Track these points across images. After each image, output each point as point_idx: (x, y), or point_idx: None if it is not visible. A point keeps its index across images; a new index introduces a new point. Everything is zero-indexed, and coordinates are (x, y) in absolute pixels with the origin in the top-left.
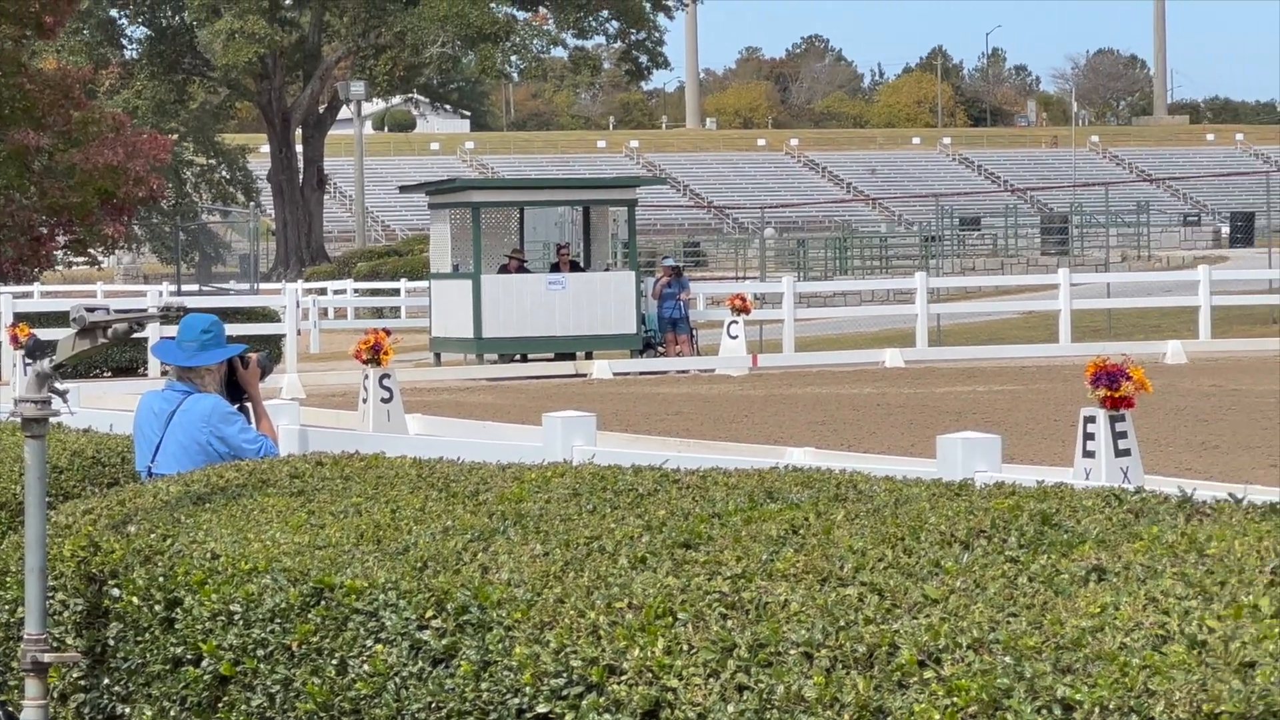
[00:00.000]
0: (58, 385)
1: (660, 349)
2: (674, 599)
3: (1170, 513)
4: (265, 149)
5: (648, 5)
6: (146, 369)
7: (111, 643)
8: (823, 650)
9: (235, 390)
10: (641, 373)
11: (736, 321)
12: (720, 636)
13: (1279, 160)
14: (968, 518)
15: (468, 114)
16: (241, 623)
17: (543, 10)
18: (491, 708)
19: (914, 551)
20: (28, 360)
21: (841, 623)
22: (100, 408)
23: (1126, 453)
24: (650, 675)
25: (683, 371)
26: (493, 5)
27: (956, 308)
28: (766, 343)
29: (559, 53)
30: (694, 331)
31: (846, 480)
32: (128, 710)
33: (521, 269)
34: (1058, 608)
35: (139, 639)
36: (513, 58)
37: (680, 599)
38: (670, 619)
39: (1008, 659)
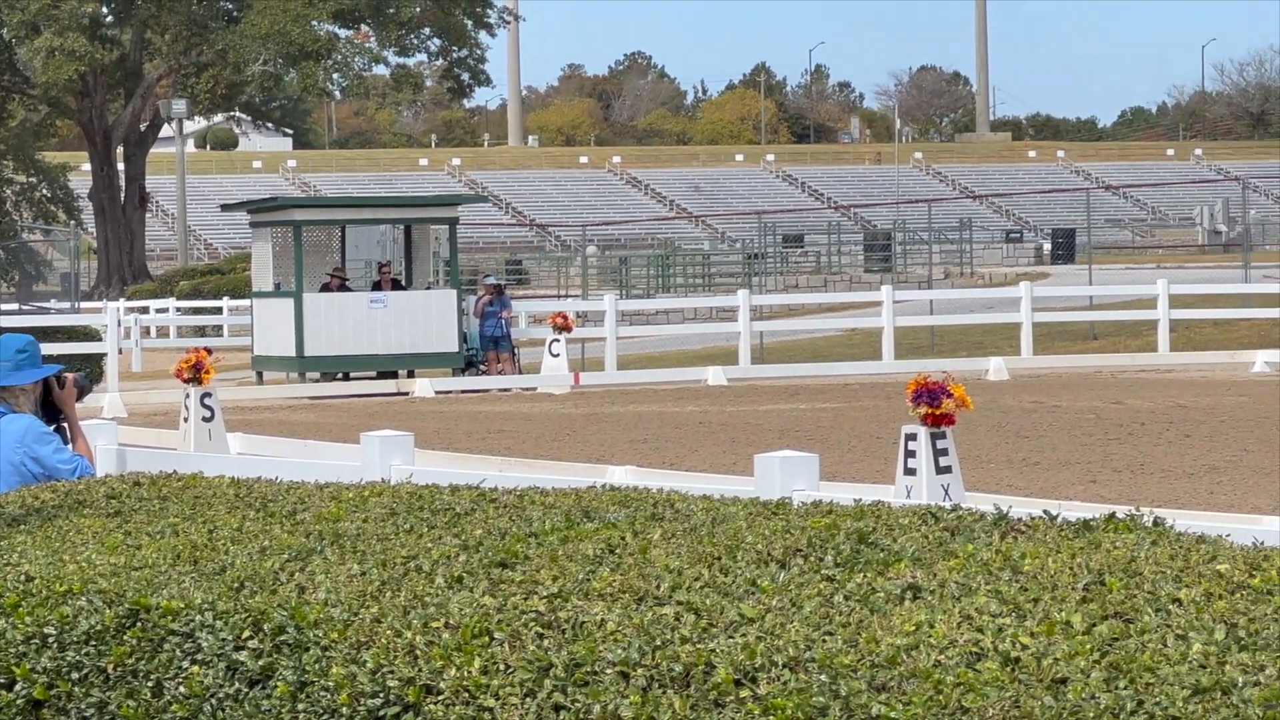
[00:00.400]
0: None
1: (482, 367)
2: (490, 619)
3: (986, 530)
4: (86, 167)
5: (469, 23)
6: None
7: None
8: (639, 670)
9: (52, 410)
10: (463, 391)
11: (558, 339)
12: (536, 656)
13: (1100, 177)
14: (785, 536)
15: (290, 132)
16: (56, 645)
17: (364, 28)
18: None
19: (731, 570)
20: None
21: (658, 642)
22: None
23: (948, 470)
24: (467, 695)
25: (505, 390)
26: (314, 23)
27: (780, 325)
28: (589, 361)
29: (381, 70)
30: (516, 350)
31: (664, 499)
32: None
33: (343, 287)
34: (873, 626)
35: None
36: (335, 75)
37: (497, 619)
38: (487, 639)
39: (823, 677)
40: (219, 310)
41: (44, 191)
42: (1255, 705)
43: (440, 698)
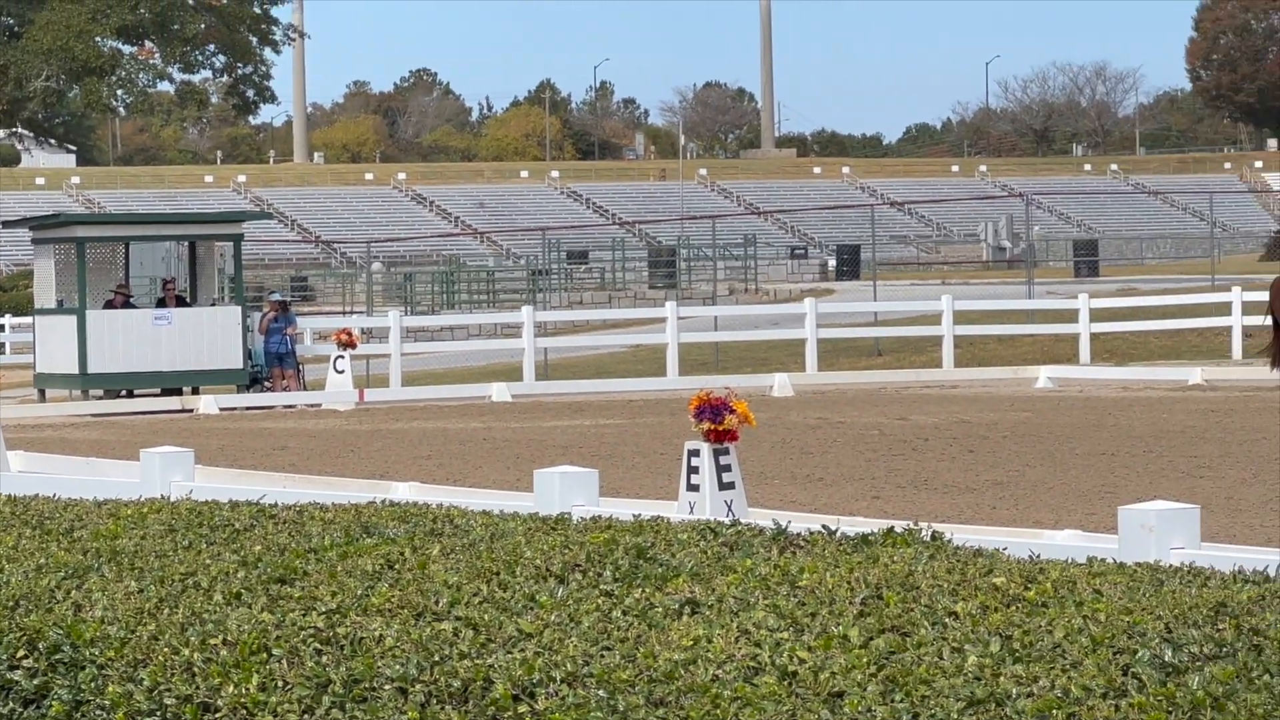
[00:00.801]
0: None
1: (267, 384)
2: (269, 635)
3: (765, 545)
4: None
5: (254, 40)
6: None
7: None
8: (417, 685)
9: None
10: (248, 408)
11: (343, 356)
12: (315, 672)
13: (885, 193)
14: (564, 552)
15: (74, 149)
16: None
17: (149, 44)
18: None
19: (509, 586)
20: None
21: (436, 657)
22: None
23: (731, 486)
24: (245, 712)
25: (289, 406)
26: (98, 39)
27: (564, 341)
28: (373, 377)
29: (166, 87)
30: (301, 366)
31: (443, 515)
32: None
33: (127, 304)
34: (651, 640)
35: None
36: (119, 91)
37: (275, 635)
38: (265, 655)
39: (601, 692)
40: (0, 328)
41: None
42: (1028, 716)
43: (218, 715)
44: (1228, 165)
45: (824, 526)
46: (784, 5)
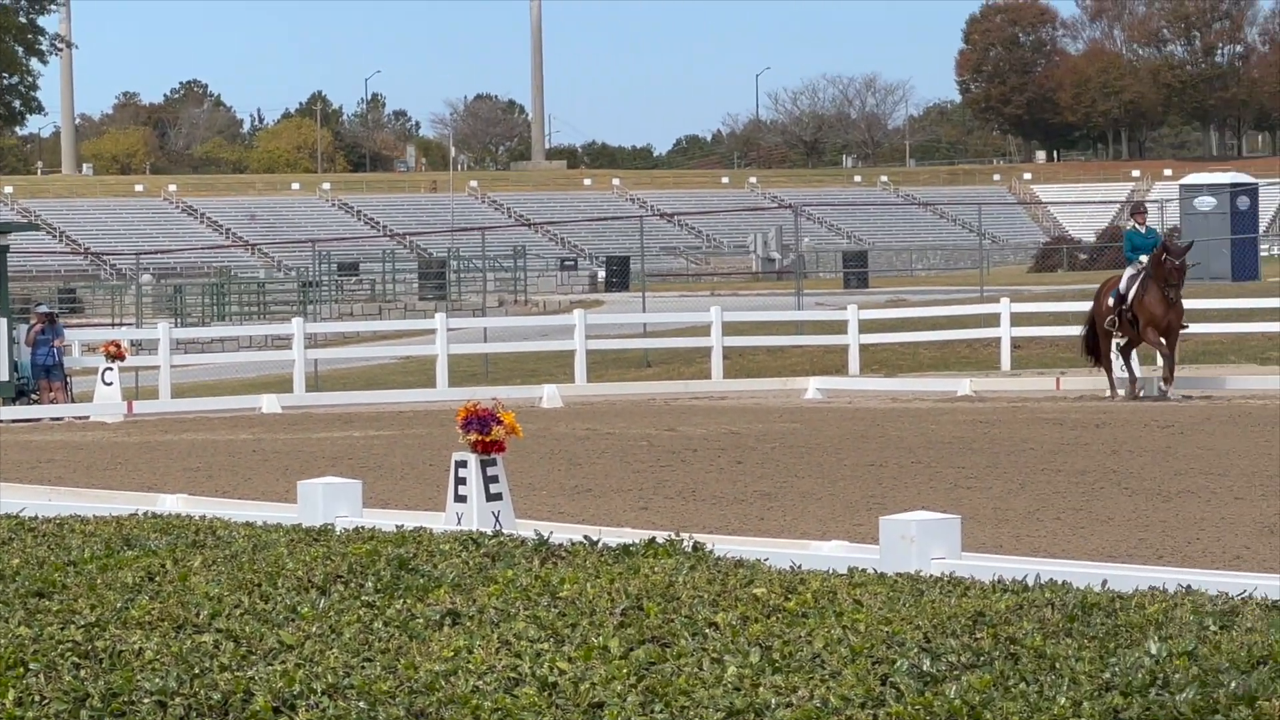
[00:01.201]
0: None
1: (34, 396)
2: (26, 649)
3: (527, 556)
4: None
5: (20, 50)
6: None
7: None
8: (177, 699)
9: None
10: (14, 420)
11: (111, 368)
12: (73, 686)
13: (655, 205)
14: (325, 563)
15: None
16: None
17: None
18: None
19: (271, 597)
20: None
21: (196, 670)
22: None
23: (499, 497)
24: None
25: (57, 419)
26: None
27: (335, 353)
28: (143, 389)
29: None
30: (68, 378)
31: (205, 526)
32: None
33: None
34: (412, 652)
35: None
36: None
37: (33, 649)
38: (22, 669)
39: (362, 704)
40: None
41: None
42: None
43: None
44: (997, 177)
45: (586, 537)
46: (555, 18)
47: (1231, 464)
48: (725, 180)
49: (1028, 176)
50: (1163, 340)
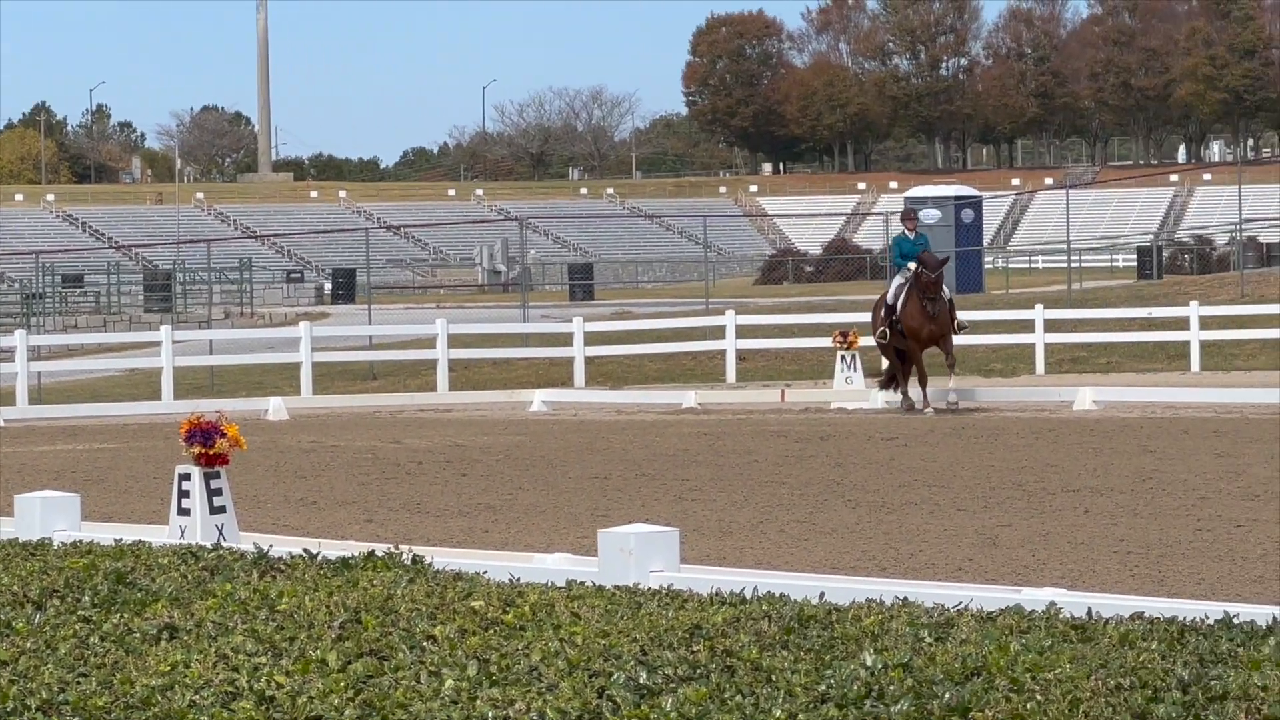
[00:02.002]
0: None
1: None
2: None
3: (246, 569)
4: None
5: None
6: None
7: None
8: None
9: None
10: None
11: None
12: None
13: (381, 217)
14: (42, 577)
15: None
16: None
17: None
18: None
19: None
20: None
21: None
22: None
23: (222, 510)
24: None
25: None
26: None
27: (58, 365)
28: None
29: None
30: None
31: None
32: None
33: None
34: (129, 667)
35: None
36: None
37: None
38: None
39: (77, 719)
40: None
41: None
42: None
43: None
44: (723, 190)
45: (305, 550)
46: (282, 30)
47: (954, 476)
48: (452, 193)
49: (754, 189)
50: (919, 352)
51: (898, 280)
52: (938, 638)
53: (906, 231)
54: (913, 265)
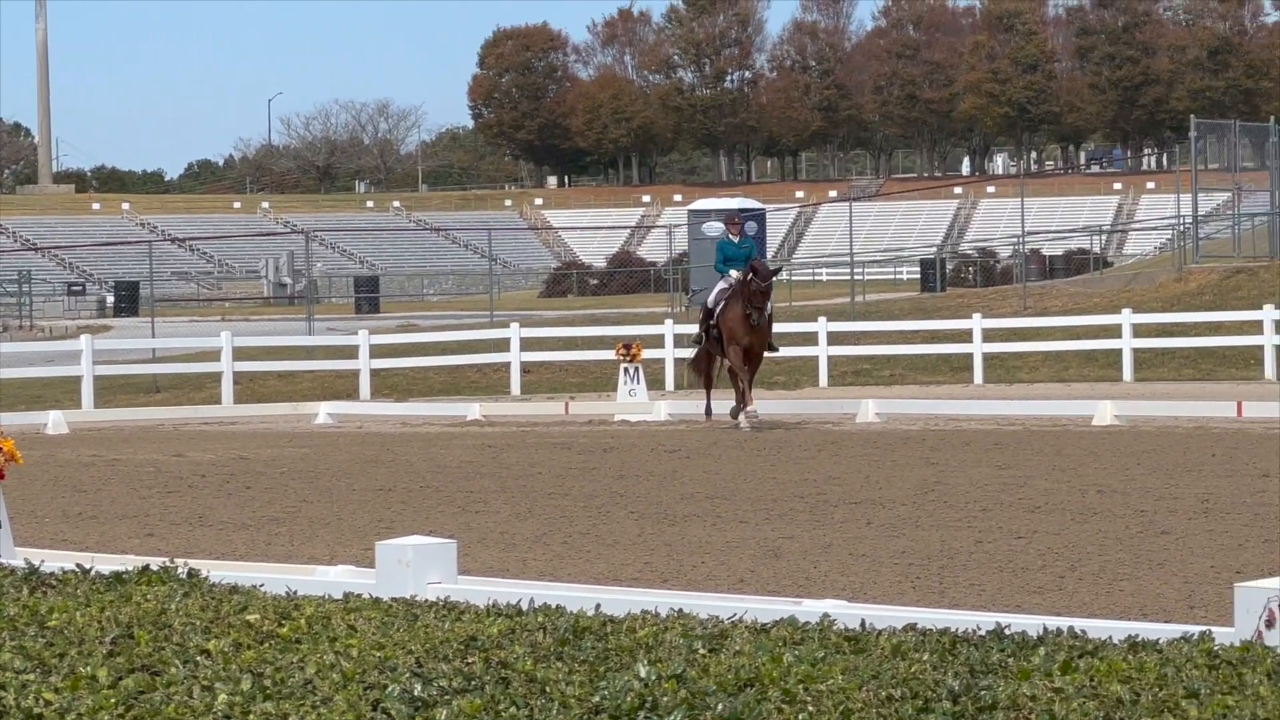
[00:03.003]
0: None
1: None
2: None
3: (16, 585)
4: None
5: None
6: None
7: None
8: None
9: None
10: None
11: None
12: None
13: (166, 230)
14: None
15: None
16: None
17: None
18: None
19: None
20: None
21: None
22: None
23: None
24: None
25: None
26: None
27: None
28: None
29: None
30: None
31: None
32: None
33: None
34: None
35: None
36: None
37: None
38: None
39: None
40: None
41: None
42: None
43: None
44: (509, 203)
45: (78, 565)
46: (62, 39)
47: (736, 488)
48: (238, 205)
49: (539, 202)
50: (744, 364)
51: (720, 285)
52: (712, 649)
53: (730, 235)
54: (735, 274)
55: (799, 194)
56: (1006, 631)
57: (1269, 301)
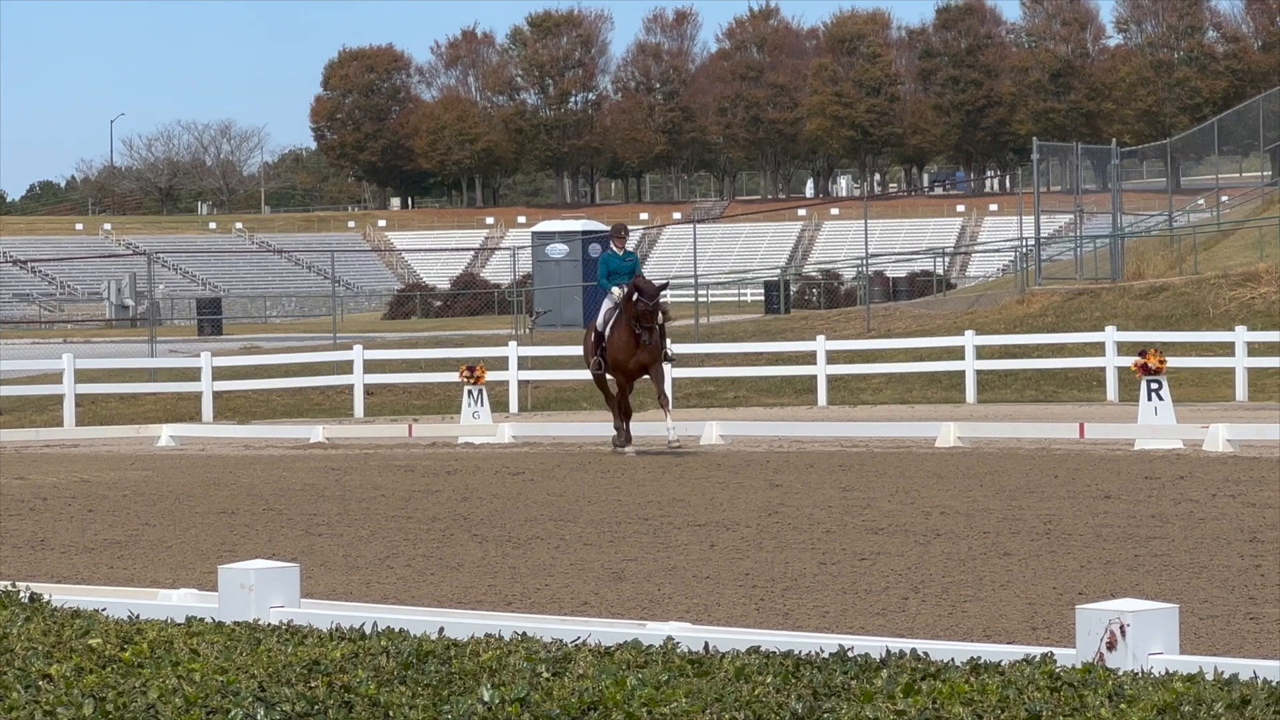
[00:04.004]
0: None
1: None
2: None
3: None
4: None
5: None
6: None
7: None
8: None
9: None
10: None
11: None
12: None
13: (7, 251)
14: None
15: None
16: None
17: None
18: None
19: None
20: None
21: None
22: None
23: None
24: None
25: None
26: None
27: None
28: None
29: None
30: None
31: None
32: None
33: None
34: None
35: None
36: None
37: None
38: None
39: None
40: None
41: None
42: None
43: None
44: (352, 224)
45: None
46: None
47: (581, 510)
48: (80, 227)
49: (383, 224)
50: (628, 384)
51: (607, 305)
52: (555, 672)
53: (614, 248)
54: (617, 291)
55: (643, 216)
56: (849, 654)
57: (1111, 323)
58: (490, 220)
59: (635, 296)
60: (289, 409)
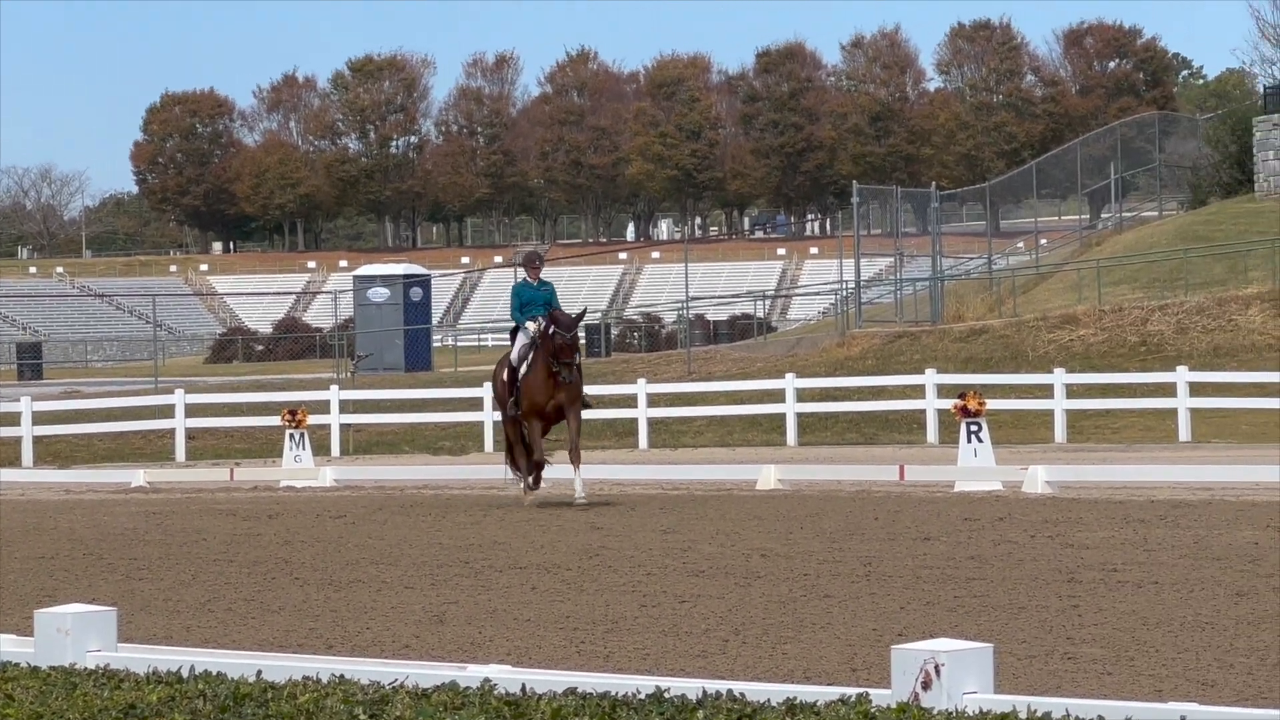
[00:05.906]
0: None
1: None
2: None
3: None
4: None
5: None
6: None
7: None
8: None
9: None
10: None
11: None
12: None
13: None
14: None
15: None
16: None
17: None
18: None
19: None
20: None
21: None
22: None
23: None
24: None
25: None
26: None
27: None
28: None
29: None
30: None
31: None
32: None
33: None
34: None
35: None
36: None
37: None
38: None
39: None
40: None
41: None
42: None
43: None
44: (173, 269)
45: None
46: None
47: (402, 553)
48: None
49: (205, 268)
50: (542, 427)
51: (521, 340)
52: (372, 715)
53: (529, 278)
54: (532, 326)
55: (465, 259)
56: (666, 695)
57: (931, 365)
58: (312, 264)
59: (552, 330)
60: (110, 453)
